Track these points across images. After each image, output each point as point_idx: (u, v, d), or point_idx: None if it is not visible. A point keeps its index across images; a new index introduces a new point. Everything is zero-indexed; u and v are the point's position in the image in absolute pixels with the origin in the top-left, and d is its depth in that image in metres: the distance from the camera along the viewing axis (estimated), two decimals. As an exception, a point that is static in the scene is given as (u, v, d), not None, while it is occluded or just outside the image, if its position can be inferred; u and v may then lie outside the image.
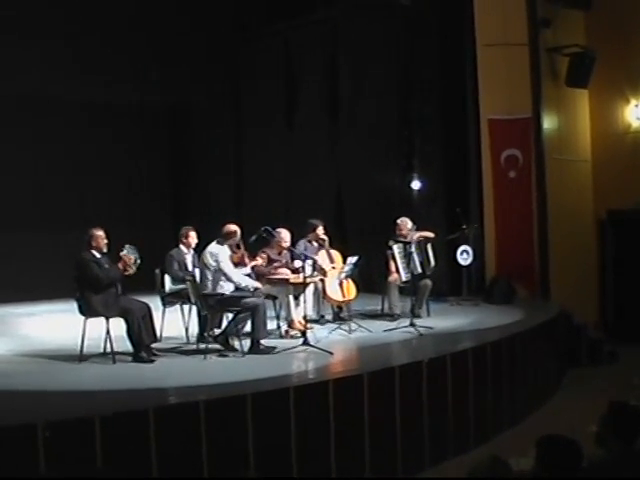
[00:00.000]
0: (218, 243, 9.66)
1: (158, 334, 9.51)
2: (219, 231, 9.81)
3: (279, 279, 10.50)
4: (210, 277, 9.51)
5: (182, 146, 17.55)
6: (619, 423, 4.71)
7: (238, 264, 9.89)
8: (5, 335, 11.00)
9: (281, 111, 16.39)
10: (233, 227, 9.80)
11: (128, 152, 16.62)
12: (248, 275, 10.05)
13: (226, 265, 9.51)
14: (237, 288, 9.65)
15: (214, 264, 9.47)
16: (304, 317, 10.00)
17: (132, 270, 9.06)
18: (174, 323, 10.34)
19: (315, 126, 15.79)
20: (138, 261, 9.16)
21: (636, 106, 14.50)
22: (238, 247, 10.09)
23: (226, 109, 17.08)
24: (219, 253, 9.53)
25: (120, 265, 8.97)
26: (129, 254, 9.02)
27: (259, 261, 10.33)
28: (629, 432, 4.67)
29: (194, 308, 10.01)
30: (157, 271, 10.42)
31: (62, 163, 15.52)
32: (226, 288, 9.51)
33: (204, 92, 16.55)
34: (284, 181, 16.27)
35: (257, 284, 9.88)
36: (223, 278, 9.49)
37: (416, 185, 14.58)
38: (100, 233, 8.99)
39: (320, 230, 11.45)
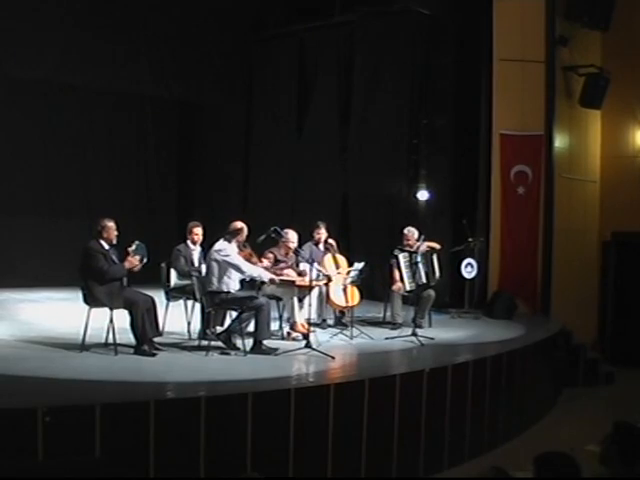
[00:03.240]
0: (225, 240, 9.64)
1: (161, 328, 9.50)
2: (224, 228, 9.79)
3: (284, 281, 10.51)
4: (216, 274, 9.48)
5: (192, 141, 17.63)
6: (623, 443, 4.72)
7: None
8: (7, 320, 11.03)
9: (292, 113, 16.37)
10: (240, 224, 9.78)
11: (138, 144, 16.73)
12: None
13: (235, 258, 9.48)
14: (242, 287, 9.68)
15: (221, 260, 9.45)
16: (307, 320, 10.01)
17: (138, 268, 9.11)
18: (177, 318, 10.35)
19: (325, 130, 15.75)
20: (145, 260, 9.19)
21: (648, 130, 14.59)
22: (245, 246, 10.09)
23: (237, 107, 17.05)
24: (226, 249, 9.51)
25: (126, 264, 9.01)
26: (136, 252, 9.04)
27: (265, 262, 10.34)
28: (633, 452, 4.69)
29: (197, 304, 10.03)
30: (163, 265, 10.41)
31: (70, 152, 15.59)
32: (232, 286, 9.49)
33: (216, 89, 16.55)
34: (291, 183, 16.24)
35: (271, 275, 9.89)
36: (229, 275, 9.44)
37: (423, 195, 14.53)
38: (112, 224, 9.01)
39: (321, 230, 11.52)
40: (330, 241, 11.57)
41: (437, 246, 11.96)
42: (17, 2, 13.33)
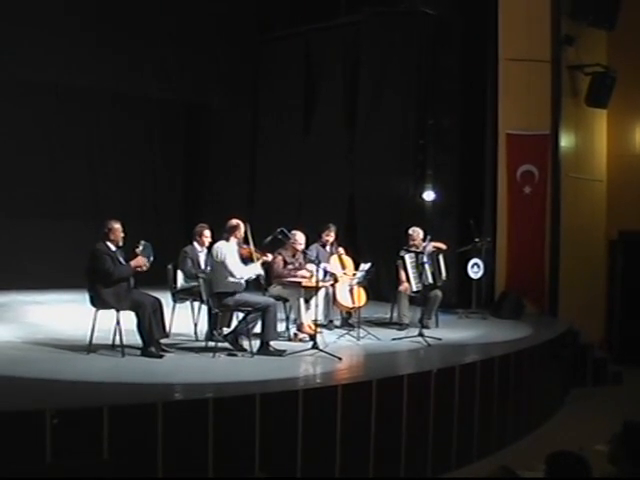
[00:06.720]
0: (224, 239, 9.65)
1: (168, 330, 9.50)
2: (227, 228, 9.82)
3: (291, 282, 10.50)
4: (220, 275, 9.46)
5: (198, 143, 17.61)
6: (632, 443, 4.71)
7: (246, 259, 9.74)
8: (14, 322, 11.04)
9: (298, 113, 16.36)
10: (235, 221, 9.74)
11: (144, 146, 16.72)
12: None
13: (229, 259, 9.43)
14: (248, 287, 9.67)
15: (218, 259, 9.46)
16: (314, 321, 10.00)
17: (144, 268, 9.11)
18: (183, 320, 10.33)
19: (331, 130, 15.72)
20: (151, 259, 9.20)
21: (654, 129, 14.55)
22: (247, 242, 9.94)
23: (244, 108, 17.04)
24: (223, 248, 9.50)
25: (133, 264, 9.01)
26: (144, 253, 9.05)
27: (269, 257, 10.22)
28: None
29: (204, 305, 10.01)
30: (169, 267, 10.40)
31: (77, 154, 15.60)
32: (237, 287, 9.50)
33: (223, 91, 16.54)
34: (297, 184, 16.23)
35: (259, 270, 9.81)
36: (227, 274, 9.46)
37: (430, 195, 14.49)
38: (118, 226, 9.02)
39: (331, 233, 11.51)
40: (339, 249, 11.54)
41: (443, 246, 11.92)
42: (23, 5, 13.36)
